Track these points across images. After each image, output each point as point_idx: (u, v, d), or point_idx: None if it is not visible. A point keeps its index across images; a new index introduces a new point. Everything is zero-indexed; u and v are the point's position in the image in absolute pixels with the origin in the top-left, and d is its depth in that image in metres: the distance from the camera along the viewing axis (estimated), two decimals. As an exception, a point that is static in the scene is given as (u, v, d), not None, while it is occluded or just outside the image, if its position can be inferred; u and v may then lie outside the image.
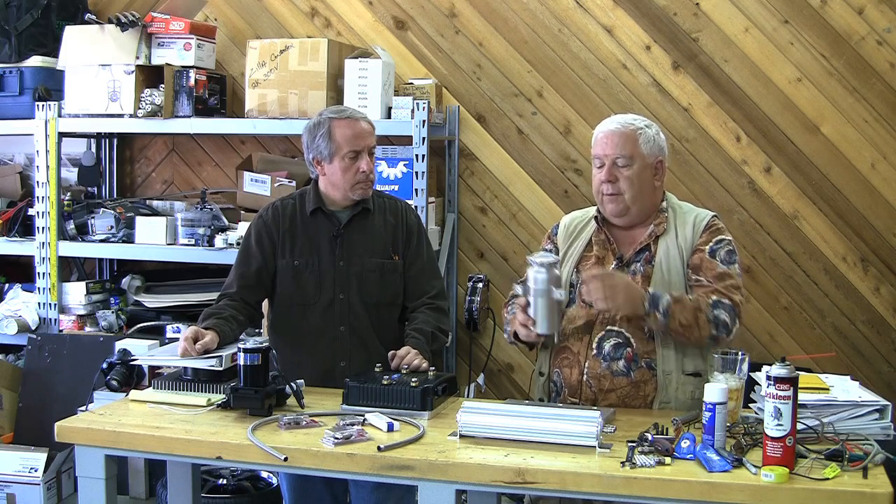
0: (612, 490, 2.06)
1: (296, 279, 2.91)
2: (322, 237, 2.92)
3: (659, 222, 2.70)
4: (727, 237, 2.69)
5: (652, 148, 2.68)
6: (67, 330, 4.22)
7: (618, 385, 2.60)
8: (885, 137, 3.95)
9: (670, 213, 2.73)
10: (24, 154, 4.72)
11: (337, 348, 2.90)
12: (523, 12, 4.23)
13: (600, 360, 2.62)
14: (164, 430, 2.37)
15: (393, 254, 2.95)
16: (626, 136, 2.67)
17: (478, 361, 4.29)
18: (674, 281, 2.63)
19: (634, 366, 2.60)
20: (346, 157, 2.85)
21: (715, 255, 2.63)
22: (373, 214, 2.96)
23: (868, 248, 4.02)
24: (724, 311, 2.55)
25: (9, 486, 3.75)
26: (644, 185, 2.68)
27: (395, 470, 2.17)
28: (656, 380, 2.58)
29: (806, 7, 3.96)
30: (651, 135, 2.69)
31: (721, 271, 2.61)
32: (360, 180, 2.88)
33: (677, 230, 2.69)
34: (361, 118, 2.92)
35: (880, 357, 4.04)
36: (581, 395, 2.63)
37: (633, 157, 2.66)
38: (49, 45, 4.38)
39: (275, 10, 4.50)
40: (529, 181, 4.28)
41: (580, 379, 2.64)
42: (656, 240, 2.69)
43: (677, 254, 2.66)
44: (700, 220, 2.71)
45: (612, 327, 2.63)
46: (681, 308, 2.52)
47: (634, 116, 2.76)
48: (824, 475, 2.01)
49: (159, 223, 4.12)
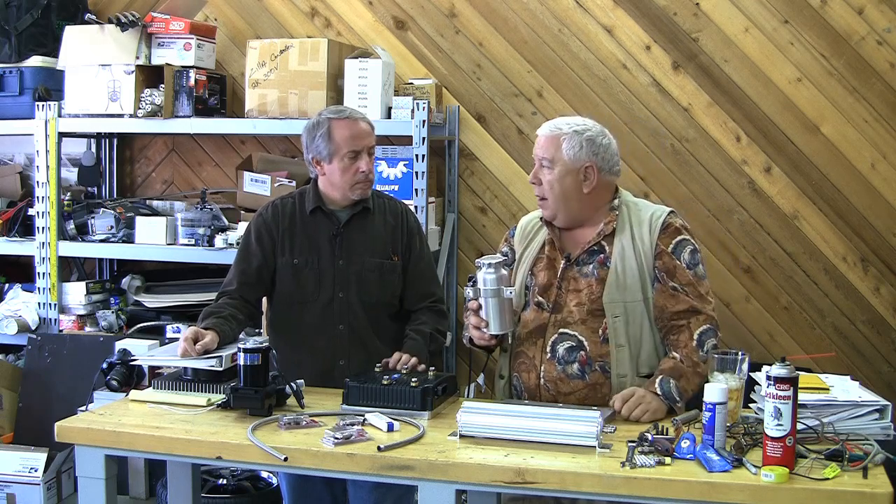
0: (612, 490, 2.06)
1: (295, 277, 2.91)
2: (322, 236, 2.92)
3: (608, 220, 2.66)
4: (686, 235, 2.65)
5: (578, 153, 2.62)
6: (67, 330, 4.22)
7: (575, 388, 2.60)
8: (885, 137, 3.95)
9: (623, 210, 2.68)
10: (24, 154, 4.72)
11: (336, 347, 2.90)
12: (523, 12, 4.23)
13: (555, 364, 2.61)
14: (164, 430, 2.37)
15: (392, 254, 2.95)
16: (551, 140, 2.65)
17: (478, 361, 4.29)
18: (629, 283, 2.60)
19: (588, 369, 2.59)
20: (345, 157, 2.85)
21: (680, 257, 2.62)
22: (373, 214, 2.96)
23: (868, 248, 4.02)
24: (710, 337, 2.58)
25: (9, 486, 3.75)
26: (567, 190, 2.64)
27: (395, 470, 2.17)
28: (610, 382, 2.58)
29: (806, 7, 3.96)
30: (579, 140, 2.63)
31: (691, 279, 2.60)
32: (360, 180, 2.88)
33: (633, 229, 2.65)
34: (360, 118, 2.92)
35: (880, 357, 4.04)
36: (540, 398, 2.63)
37: (554, 160, 2.64)
38: (49, 45, 4.38)
39: (275, 10, 4.50)
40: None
41: (538, 383, 2.63)
42: (609, 239, 2.65)
43: (633, 254, 2.62)
44: (656, 217, 2.66)
45: (564, 330, 2.62)
46: (686, 380, 2.51)
47: (571, 120, 2.70)
48: (824, 475, 2.01)
49: (159, 223, 4.12)
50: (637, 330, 2.60)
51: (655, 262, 2.62)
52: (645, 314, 2.61)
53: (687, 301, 2.59)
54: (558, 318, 2.63)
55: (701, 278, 2.63)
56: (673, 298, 2.60)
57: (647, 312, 2.62)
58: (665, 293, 2.61)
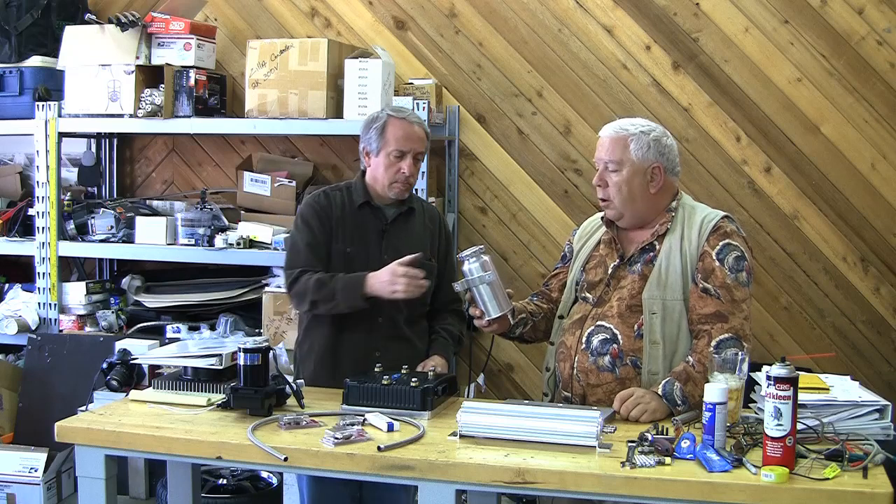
0: (612, 490, 2.06)
1: (347, 266, 2.93)
2: (370, 230, 2.98)
3: (663, 221, 2.68)
4: (736, 242, 2.62)
5: (646, 154, 2.65)
6: (67, 330, 4.22)
7: (603, 380, 2.60)
8: (885, 137, 3.95)
9: (680, 212, 2.70)
10: (24, 154, 4.71)
11: (374, 338, 2.93)
12: (523, 12, 4.23)
13: (588, 354, 2.63)
14: (164, 430, 2.37)
15: (431, 256, 3.02)
16: (617, 142, 2.66)
17: (478, 361, 4.28)
18: (671, 281, 2.60)
19: (619, 362, 2.59)
20: (391, 154, 2.92)
21: (724, 261, 2.59)
22: (416, 216, 3.04)
23: (868, 248, 4.02)
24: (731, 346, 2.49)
25: (9, 486, 3.75)
26: (635, 191, 2.65)
27: (395, 470, 2.17)
28: (641, 378, 2.58)
29: (806, 7, 3.96)
30: (646, 140, 2.65)
31: (729, 282, 2.56)
32: (399, 180, 2.93)
33: (684, 230, 2.66)
34: (417, 123, 2.98)
35: (880, 357, 4.04)
36: (572, 390, 2.65)
37: (622, 162, 2.65)
38: (49, 45, 4.37)
39: (275, 10, 4.50)
40: (529, 181, 4.29)
41: (571, 373, 2.65)
42: (661, 239, 2.67)
43: (678, 254, 2.62)
44: (708, 220, 2.67)
45: (601, 322, 2.64)
46: (693, 385, 2.48)
47: (635, 121, 2.72)
48: (824, 475, 2.01)
49: (159, 223, 4.12)
50: (674, 329, 2.59)
51: (697, 262, 2.61)
52: (683, 314, 2.60)
53: (716, 304, 2.55)
54: (598, 312, 2.65)
55: (741, 285, 2.58)
56: (702, 300, 2.58)
57: (685, 313, 2.61)
58: (696, 294, 2.59)
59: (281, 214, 4.12)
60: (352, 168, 4.42)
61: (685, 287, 2.61)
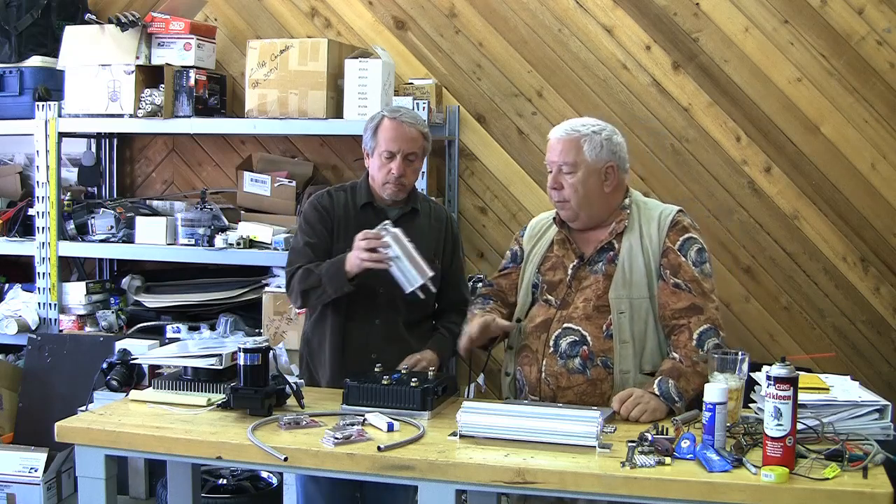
0: (612, 490, 2.06)
1: None
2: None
3: (620, 220, 2.68)
4: (694, 234, 2.68)
5: (599, 154, 2.65)
6: (67, 330, 4.22)
7: (574, 383, 2.61)
8: (885, 137, 3.95)
9: (634, 209, 2.71)
10: (24, 154, 4.71)
11: (370, 341, 2.92)
12: (523, 12, 4.23)
13: (557, 358, 2.62)
14: (164, 430, 2.37)
15: (434, 257, 2.99)
16: (570, 143, 2.66)
17: (478, 361, 4.27)
18: (636, 280, 2.62)
19: (590, 364, 2.60)
20: (382, 154, 2.92)
21: (687, 255, 2.63)
22: (420, 216, 3.02)
23: (868, 248, 4.02)
24: (710, 336, 2.56)
25: (9, 486, 3.75)
26: (591, 192, 2.66)
27: (395, 470, 2.17)
28: (613, 378, 2.59)
29: (806, 7, 3.96)
30: (599, 140, 2.65)
31: (696, 275, 2.61)
32: (389, 181, 2.92)
33: (642, 228, 2.68)
34: (409, 123, 2.94)
35: (880, 357, 4.04)
36: (540, 393, 2.65)
37: (577, 164, 2.65)
38: (49, 45, 4.37)
39: (275, 10, 4.50)
40: (529, 181, 4.28)
41: (539, 377, 2.65)
42: (619, 237, 2.67)
43: (640, 252, 2.64)
44: (665, 216, 2.69)
45: (568, 325, 2.64)
46: (685, 380, 2.50)
47: (585, 121, 2.72)
48: (824, 475, 2.01)
49: (159, 223, 4.12)
50: (642, 327, 2.61)
51: (661, 259, 2.64)
52: (650, 312, 2.63)
53: (689, 298, 2.59)
54: (564, 314, 2.65)
55: (707, 276, 2.64)
56: (675, 295, 2.60)
57: (652, 310, 2.63)
58: (667, 290, 2.61)
59: (281, 214, 4.12)
60: (352, 168, 4.42)
61: (651, 284, 2.63)
